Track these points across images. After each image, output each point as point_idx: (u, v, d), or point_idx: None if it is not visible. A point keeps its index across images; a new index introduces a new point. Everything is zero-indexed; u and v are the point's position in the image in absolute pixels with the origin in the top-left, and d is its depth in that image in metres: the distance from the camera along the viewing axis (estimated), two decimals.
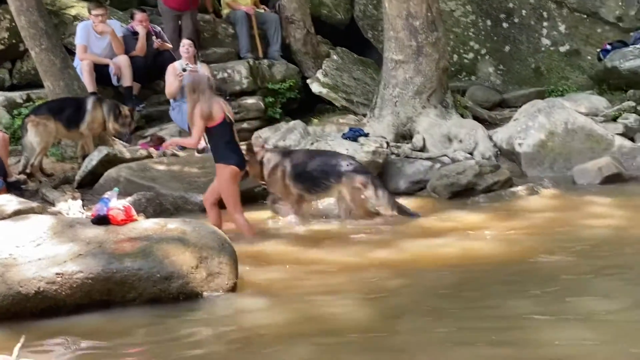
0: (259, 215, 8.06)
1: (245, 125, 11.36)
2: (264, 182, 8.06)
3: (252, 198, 8.76)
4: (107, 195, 5.92)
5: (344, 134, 9.51)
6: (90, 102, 9.84)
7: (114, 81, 11.18)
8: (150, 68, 11.43)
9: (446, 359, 4.25)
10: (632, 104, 10.53)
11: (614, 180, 8.72)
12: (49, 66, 10.16)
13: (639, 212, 7.44)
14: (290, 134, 10.17)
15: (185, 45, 10.74)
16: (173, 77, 10.60)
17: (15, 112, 10.70)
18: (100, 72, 11.02)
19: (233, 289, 5.55)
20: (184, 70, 10.50)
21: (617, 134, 9.73)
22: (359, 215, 7.66)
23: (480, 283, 5.60)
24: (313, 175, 7.78)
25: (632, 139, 9.79)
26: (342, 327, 4.82)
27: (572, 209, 7.77)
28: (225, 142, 7.30)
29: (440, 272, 5.90)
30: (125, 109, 10.00)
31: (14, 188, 8.73)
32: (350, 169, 7.75)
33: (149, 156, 9.72)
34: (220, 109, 7.20)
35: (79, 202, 8.38)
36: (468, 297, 5.33)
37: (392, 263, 6.14)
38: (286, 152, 8.30)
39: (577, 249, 6.33)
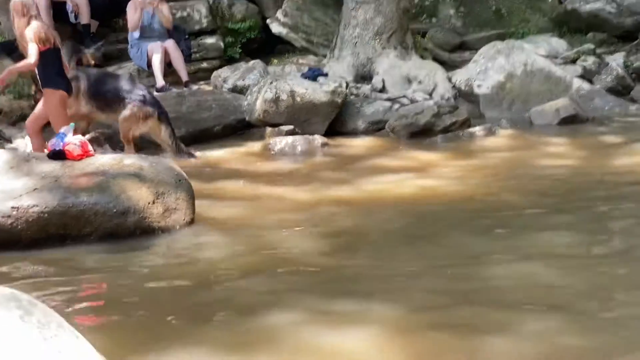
0: (216, 154, 8.07)
1: (204, 64, 11.28)
2: None
3: (212, 137, 8.77)
4: (63, 130, 5.88)
5: (303, 74, 9.50)
6: None
7: (72, 18, 11.01)
8: (109, 6, 11.27)
9: (399, 291, 4.28)
10: (592, 46, 10.60)
11: (571, 121, 8.80)
12: (3, 2, 9.97)
13: (594, 152, 7.53)
14: (249, 74, 10.14)
15: None
16: (134, 11, 10.46)
17: None
18: (58, 8, 10.84)
19: (190, 224, 5.56)
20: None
21: (576, 76, 9.82)
22: (124, 140, 7.70)
23: (436, 220, 5.65)
24: (107, 96, 7.78)
25: (590, 81, 9.88)
26: (297, 261, 4.86)
27: (529, 149, 7.85)
28: (53, 67, 7.35)
29: (396, 209, 5.94)
30: (87, 56, 9.81)
31: None
32: (141, 99, 7.76)
33: None
34: (51, 34, 7.24)
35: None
36: (423, 234, 5.37)
37: (348, 200, 6.18)
38: (84, 70, 8.24)
39: (534, 187, 6.40)
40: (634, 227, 5.28)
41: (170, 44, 10.60)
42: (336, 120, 8.94)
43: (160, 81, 10.35)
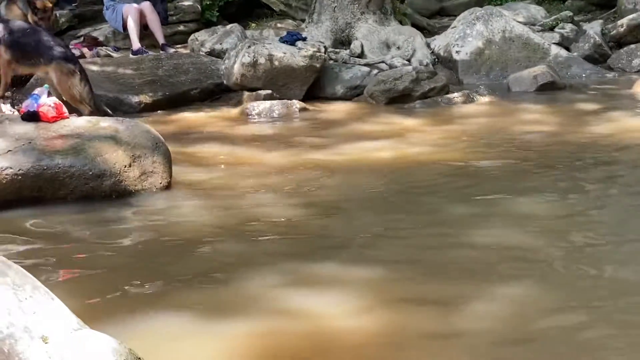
0: (193, 117, 8.02)
1: (181, 27, 11.22)
2: None
3: (189, 100, 8.72)
4: (36, 91, 5.79)
5: (281, 38, 9.44)
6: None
7: None
8: None
9: (376, 256, 4.29)
10: (570, 13, 10.61)
11: (548, 88, 8.83)
12: None
13: (571, 118, 7.56)
14: (227, 38, 10.07)
15: None
16: None
17: None
18: None
19: (167, 188, 5.52)
20: None
21: (554, 43, 9.84)
22: (69, 100, 7.65)
23: (413, 186, 5.65)
24: (27, 49, 7.72)
25: (567, 49, 9.90)
26: (275, 225, 4.85)
27: (507, 115, 7.86)
28: None
29: (375, 174, 5.93)
30: (45, 1, 9.65)
31: None
32: (62, 55, 7.69)
33: (82, 56, 9.53)
34: None
35: (9, 100, 8.20)
36: (401, 199, 5.38)
37: (327, 165, 6.16)
38: (5, 21, 8.16)
39: (511, 153, 6.42)
40: (611, 191, 5.33)
41: (146, 5, 10.51)
42: (314, 85, 8.90)
43: (136, 44, 10.28)
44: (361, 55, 9.90)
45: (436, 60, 9.90)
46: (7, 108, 7.97)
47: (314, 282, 3.93)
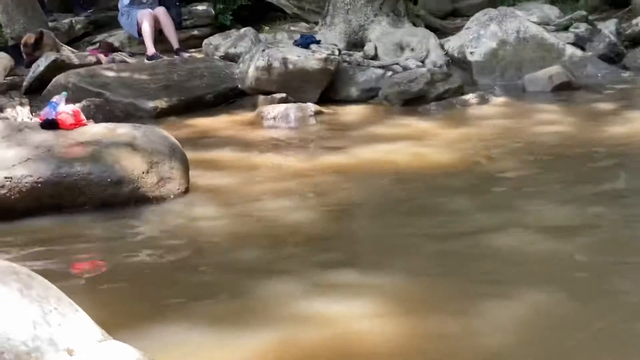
0: (209, 122, 8.04)
1: (195, 32, 11.26)
2: None
3: (204, 105, 8.75)
4: (55, 99, 5.83)
5: (295, 41, 9.46)
6: None
7: None
8: None
9: (395, 261, 4.29)
10: (584, 13, 10.57)
11: (563, 88, 8.78)
12: None
13: (587, 119, 7.52)
14: (241, 41, 10.09)
15: None
16: None
17: None
18: None
19: (184, 193, 5.54)
20: None
21: (568, 43, 9.79)
22: None
23: (430, 188, 5.63)
24: None
25: (582, 48, 9.85)
26: (293, 230, 4.85)
27: (523, 116, 7.83)
28: None
29: (391, 177, 5.94)
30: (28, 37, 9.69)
31: None
32: None
33: (98, 62, 9.57)
34: None
35: (27, 108, 8.26)
36: (418, 202, 5.36)
37: (343, 168, 6.16)
38: None
39: (528, 155, 6.38)
40: (630, 194, 5.29)
41: (160, 11, 10.55)
42: (329, 87, 8.90)
43: (150, 49, 10.32)
44: (375, 57, 9.90)
45: (450, 61, 9.88)
46: (26, 116, 8.01)
47: (333, 288, 3.93)
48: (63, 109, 5.71)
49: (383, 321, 3.55)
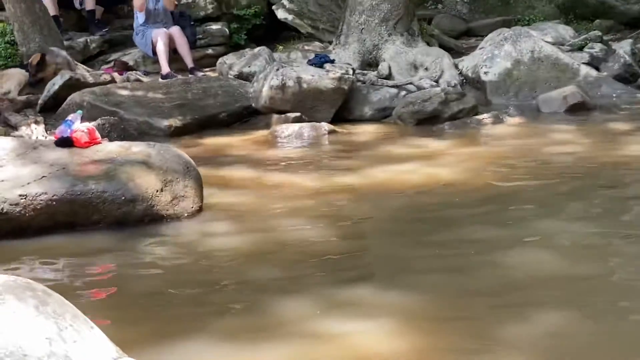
0: (223, 141, 8.05)
1: (209, 51, 11.29)
2: None
3: (218, 123, 8.76)
4: (70, 117, 5.85)
5: (309, 60, 9.47)
6: None
7: (77, 4, 11.02)
8: None
9: (409, 280, 4.28)
10: (598, 33, 10.55)
11: (578, 108, 8.76)
12: None
13: (603, 139, 7.50)
14: (255, 60, 10.11)
15: None
16: None
17: None
18: None
19: (198, 212, 5.54)
20: None
21: (583, 63, 9.77)
22: None
23: (444, 208, 5.63)
24: None
25: (597, 69, 9.84)
26: (307, 249, 4.85)
27: (537, 136, 7.82)
28: None
29: (404, 197, 5.93)
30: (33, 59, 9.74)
31: None
32: None
33: (113, 81, 9.61)
34: None
35: (42, 126, 8.29)
36: (432, 222, 5.36)
37: (356, 188, 6.16)
38: None
39: (542, 175, 6.37)
40: None
41: (175, 30, 10.60)
42: (343, 107, 8.91)
43: (165, 68, 10.36)
44: (389, 76, 9.91)
45: (464, 81, 9.88)
46: (40, 134, 8.05)
47: (347, 306, 3.93)
48: (78, 126, 5.73)
49: (397, 339, 3.54)
